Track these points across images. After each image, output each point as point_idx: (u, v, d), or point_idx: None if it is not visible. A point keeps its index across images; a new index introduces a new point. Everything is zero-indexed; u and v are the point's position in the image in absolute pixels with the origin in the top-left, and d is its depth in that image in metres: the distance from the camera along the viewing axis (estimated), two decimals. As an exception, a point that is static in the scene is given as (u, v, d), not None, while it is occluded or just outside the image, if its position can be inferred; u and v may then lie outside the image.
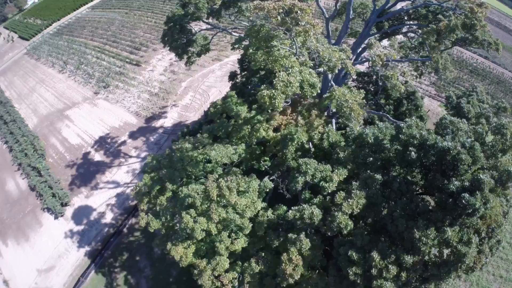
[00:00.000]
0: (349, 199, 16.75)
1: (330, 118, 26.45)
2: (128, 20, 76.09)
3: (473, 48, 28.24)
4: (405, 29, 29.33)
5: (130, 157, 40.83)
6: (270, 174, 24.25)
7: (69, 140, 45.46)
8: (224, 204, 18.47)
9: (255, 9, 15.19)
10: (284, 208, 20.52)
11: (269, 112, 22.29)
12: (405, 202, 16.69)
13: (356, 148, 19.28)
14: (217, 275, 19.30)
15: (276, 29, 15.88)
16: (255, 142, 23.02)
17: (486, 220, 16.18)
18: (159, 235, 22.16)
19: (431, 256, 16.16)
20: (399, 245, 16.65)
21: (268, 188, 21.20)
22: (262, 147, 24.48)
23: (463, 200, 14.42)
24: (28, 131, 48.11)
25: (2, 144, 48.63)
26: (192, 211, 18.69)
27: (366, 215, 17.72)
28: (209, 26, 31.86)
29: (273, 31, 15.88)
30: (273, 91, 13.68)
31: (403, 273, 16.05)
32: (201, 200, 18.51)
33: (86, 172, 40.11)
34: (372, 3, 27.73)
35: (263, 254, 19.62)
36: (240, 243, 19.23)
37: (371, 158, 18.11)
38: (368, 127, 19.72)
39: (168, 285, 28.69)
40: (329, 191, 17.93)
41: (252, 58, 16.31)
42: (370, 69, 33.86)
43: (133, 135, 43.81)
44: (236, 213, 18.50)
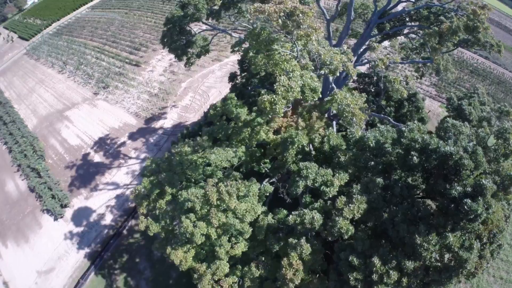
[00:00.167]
0: (350, 204, 16.63)
1: (330, 120, 26.30)
2: (127, 20, 75.84)
3: (475, 49, 28.05)
4: (406, 30, 29.12)
5: (130, 158, 40.70)
6: (270, 176, 24.14)
7: (69, 141, 45.32)
8: (224, 208, 18.34)
9: (255, 11, 14.95)
10: (285, 212, 20.40)
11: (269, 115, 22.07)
12: (406, 206, 16.56)
13: (357, 152, 19.12)
14: (217, 279, 19.19)
15: (277, 32, 15.66)
16: (255, 144, 22.88)
17: (487, 226, 16.05)
18: (159, 238, 22.05)
19: (432, 261, 16.04)
20: (400, 250, 16.52)
21: (268, 192, 21.07)
22: (262, 150, 24.35)
23: (465, 206, 14.29)
24: (27, 132, 47.99)
25: (2, 145, 48.52)
26: (191, 216, 18.57)
27: (367, 219, 17.58)
28: (209, 27, 31.65)
29: (273, 34, 15.66)
30: (274, 96, 13.50)
31: (404, 279, 15.94)
32: (200, 205, 18.39)
33: (86, 173, 39.99)
34: (373, 3, 27.54)
35: (263, 258, 19.51)
36: (240, 248, 19.13)
37: (373, 162, 17.96)
38: (370, 131, 19.57)
39: (168, 287, 28.61)
40: (330, 196, 17.79)
41: (253, 61, 16.11)
42: (371, 70, 33.70)
43: (132, 136, 43.66)
44: (236, 218, 18.37)
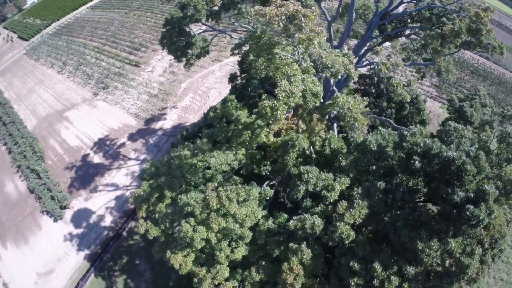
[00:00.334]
0: (351, 209, 16.50)
1: (331, 122, 26.13)
2: (127, 20, 75.59)
3: (477, 51, 27.89)
4: (407, 31, 28.93)
5: (130, 159, 40.57)
6: (270, 179, 24.00)
7: (68, 142, 45.18)
8: (224, 213, 18.22)
9: (255, 14, 14.74)
10: (285, 216, 20.28)
11: (270, 117, 21.89)
12: (408, 211, 16.43)
13: (359, 156, 18.98)
14: (217, 283, 19.09)
15: (278, 36, 15.45)
16: (255, 147, 22.74)
17: (489, 231, 15.93)
18: (159, 241, 21.95)
19: (433, 266, 15.92)
20: (401, 255, 16.41)
21: (268, 196, 20.95)
22: (262, 152, 24.22)
23: (468, 212, 14.17)
24: (27, 133, 47.85)
25: (1, 146, 48.39)
26: (191, 220, 18.45)
27: (368, 224, 17.45)
28: (209, 28, 31.44)
29: (274, 37, 15.45)
30: (275, 101, 13.30)
31: (405, 284, 15.83)
32: (200, 209, 18.26)
33: (85, 175, 39.87)
34: (374, 4, 27.34)
35: (264, 262, 19.40)
36: (241, 252, 19.03)
37: (374, 166, 17.82)
38: (371, 134, 19.41)
39: (168, 290, 28.54)
40: (331, 201, 17.66)
41: (253, 65, 15.92)
42: (372, 71, 33.51)
43: (132, 137, 43.51)
44: (236, 223, 18.25)
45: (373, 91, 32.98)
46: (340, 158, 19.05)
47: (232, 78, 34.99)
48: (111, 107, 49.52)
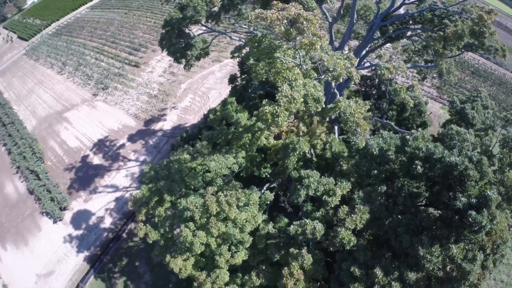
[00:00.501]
0: (352, 214, 16.37)
1: (332, 125, 25.97)
2: (127, 20, 75.32)
3: (479, 53, 27.72)
4: (409, 33, 28.76)
5: (129, 160, 40.43)
6: (270, 181, 23.85)
7: (68, 143, 45.03)
8: (223, 217, 18.09)
9: (256, 18, 14.56)
10: (285, 221, 20.16)
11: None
12: (409, 217, 16.30)
13: (360, 159, 18.83)
14: (217, 287, 18.99)
15: (279, 39, 15.25)
16: (255, 149, 22.59)
17: (491, 236, 15.80)
18: (159, 244, 21.82)
19: (435, 272, 15.79)
20: (402, 261, 16.28)
21: (268, 200, 20.81)
22: (262, 154, 24.06)
23: (470, 218, 14.04)
24: (26, 134, 47.70)
25: (1, 147, 48.26)
26: (191, 224, 18.33)
27: (369, 229, 17.32)
28: (208, 29, 31.25)
29: (275, 41, 15.25)
30: (276, 107, 13.08)
31: (407, 290, 15.72)
32: (200, 214, 18.14)
33: (85, 176, 39.74)
34: (375, 5, 27.14)
35: (264, 267, 19.28)
36: (241, 257, 18.92)
37: (376, 171, 17.67)
38: (373, 137, 19.25)
39: (167, 292, 28.46)
40: (332, 206, 17.52)
41: (254, 69, 15.72)
42: (373, 72, 33.34)
43: (132, 138, 43.36)
44: (236, 228, 18.13)
45: (374, 93, 32.83)
46: (341, 162, 18.90)
47: (232, 79, 34.82)
48: (110, 107, 49.35)
